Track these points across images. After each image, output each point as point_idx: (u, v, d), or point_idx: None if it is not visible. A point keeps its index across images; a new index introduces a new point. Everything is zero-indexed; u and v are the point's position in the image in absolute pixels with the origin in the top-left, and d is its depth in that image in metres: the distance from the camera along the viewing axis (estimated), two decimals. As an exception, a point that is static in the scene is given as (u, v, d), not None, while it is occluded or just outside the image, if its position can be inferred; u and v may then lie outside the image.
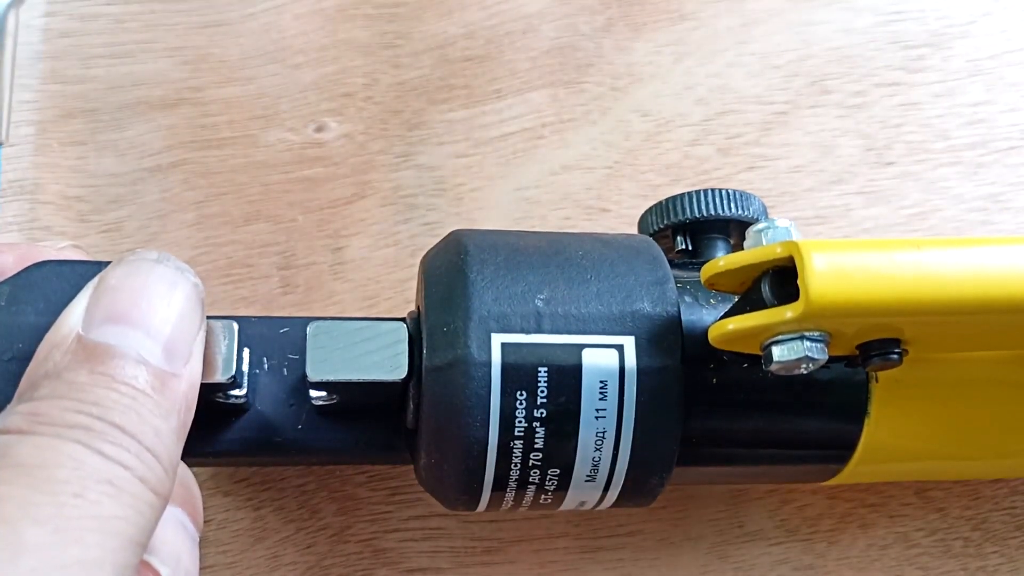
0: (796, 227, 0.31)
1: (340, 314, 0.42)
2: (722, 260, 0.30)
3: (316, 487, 0.40)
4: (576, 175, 0.45)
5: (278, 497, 0.40)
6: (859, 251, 0.27)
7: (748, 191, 0.38)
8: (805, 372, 0.29)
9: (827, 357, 0.28)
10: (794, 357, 0.28)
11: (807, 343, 0.28)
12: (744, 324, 0.29)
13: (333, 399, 0.31)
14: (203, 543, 0.39)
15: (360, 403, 0.32)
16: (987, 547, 0.42)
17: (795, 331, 0.28)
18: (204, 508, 0.39)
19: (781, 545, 0.41)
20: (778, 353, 0.28)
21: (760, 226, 0.31)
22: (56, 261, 0.31)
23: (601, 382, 0.30)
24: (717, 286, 0.31)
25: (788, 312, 0.27)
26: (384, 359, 0.30)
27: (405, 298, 0.43)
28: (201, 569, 0.39)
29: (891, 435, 0.34)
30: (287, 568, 0.39)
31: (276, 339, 0.33)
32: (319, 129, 0.45)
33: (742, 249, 0.31)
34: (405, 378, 0.30)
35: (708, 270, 0.30)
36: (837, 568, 0.41)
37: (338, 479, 0.40)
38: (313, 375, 0.30)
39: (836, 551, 0.41)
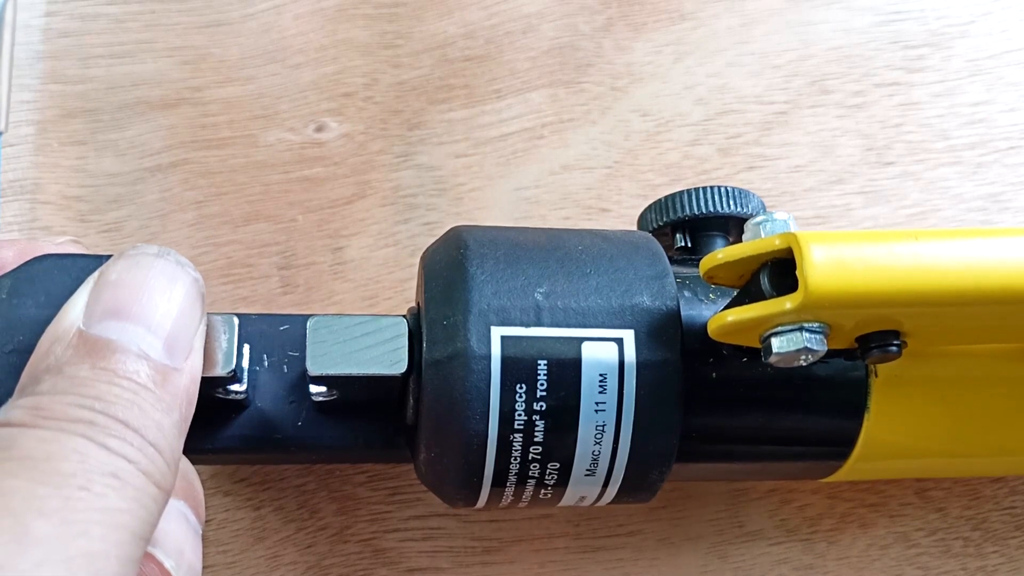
0: (794, 220, 0.31)
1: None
2: (721, 253, 0.30)
3: (316, 487, 0.40)
4: (576, 175, 0.45)
5: (278, 497, 0.40)
6: (857, 242, 0.27)
7: (747, 189, 0.38)
8: (804, 364, 0.29)
9: (826, 349, 0.28)
10: (793, 348, 0.28)
11: (806, 334, 0.28)
12: (743, 315, 0.29)
13: (333, 395, 0.31)
14: (203, 542, 0.39)
15: (360, 399, 0.32)
16: (987, 547, 0.42)
17: (794, 322, 0.28)
18: (204, 508, 0.39)
19: (781, 545, 0.41)
20: (777, 344, 0.28)
21: (759, 219, 0.31)
22: (57, 255, 0.31)
23: (601, 375, 0.30)
24: (716, 279, 0.31)
25: (788, 303, 0.27)
26: (384, 353, 0.30)
27: (405, 298, 0.43)
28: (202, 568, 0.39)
29: (891, 431, 0.34)
30: (287, 568, 0.39)
31: (276, 336, 0.33)
32: (319, 129, 0.45)
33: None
34: (405, 373, 0.31)
35: (707, 263, 0.30)
36: (837, 568, 0.41)
37: (338, 479, 0.40)
38: (313, 369, 0.30)
39: (836, 551, 0.41)
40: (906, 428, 0.34)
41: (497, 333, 0.30)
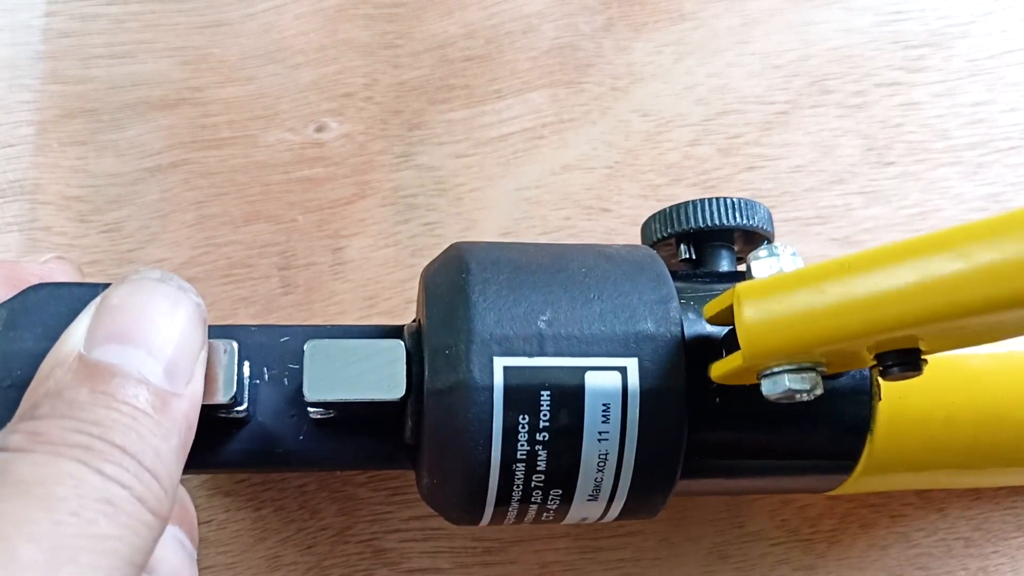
0: (782, 254, 0.31)
1: (340, 315, 0.43)
2: (706, 306, 0.30)
3: (317, 488, 0.40)
4: (576, 175, 0.45)
5: (278, 497, 0.40)
6: (790, 291, 0.27)
7: (753, 198, 0.37)
8: (805, 399, 0.29)
9: (820, 386, 0.28)
10: (780, 391, 0.28)
11: (792, 376, 0.28)
12: (718, 372, 0.30)
13: (331, 413, 0.31)
14: (203, 543, 0.39)
15: (359, 417, 0.32)
16: (988, 547, 0.42)
17: (778, 366, 0.28)
18: (204, 508, 0.39)
19: (782, 545, 0.41)
20: (765, 388, 0.29)
21: (761, 252, 0.31)
22: (53, 284, 0.30)
23: (604, 404, 0.30)
24: (719, 323, 0.31)
25: (735, 360, 0.28)
26: (382, 378, 0.30)
27: (405, 298, 0.43)
28: (201, 569, 0.39)
29: (893, 450, 0.34)
30: (288, 568, 0.40)
31: (276, 348, 0.33)
32: (319, 129, 0.45)
33: (746, 258, 0.31)
34: (403, 396, 0.30)
35: (705, 313, 0.31)
36: (838, 568, 0.41)
37: (339, 480, 0.40)
38: (311, 395, 0.30)
39: (837, 551, 0.41)
40: (909, 447, 0.34)
41: (500, 363, 0.29)
